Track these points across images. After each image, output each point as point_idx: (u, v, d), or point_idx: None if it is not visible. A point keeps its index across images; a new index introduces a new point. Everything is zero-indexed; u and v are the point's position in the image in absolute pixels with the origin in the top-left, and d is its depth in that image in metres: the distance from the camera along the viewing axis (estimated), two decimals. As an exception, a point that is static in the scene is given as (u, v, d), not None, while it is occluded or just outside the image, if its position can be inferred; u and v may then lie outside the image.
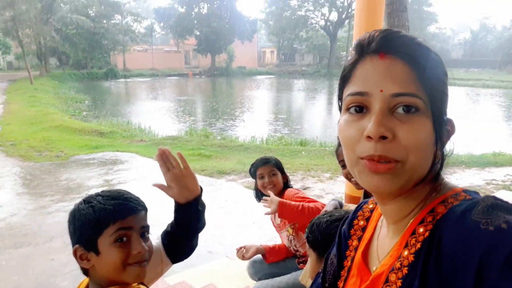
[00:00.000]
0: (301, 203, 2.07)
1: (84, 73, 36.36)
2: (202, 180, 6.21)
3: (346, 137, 0.62)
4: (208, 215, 4.73)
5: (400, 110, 0.58)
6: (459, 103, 19.81)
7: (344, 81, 0.65)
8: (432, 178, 0.62)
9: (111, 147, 8.81)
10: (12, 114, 13.80)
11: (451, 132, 0.64)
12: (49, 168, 7.02)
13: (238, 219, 4.60)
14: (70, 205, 4.32)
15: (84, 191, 5.66)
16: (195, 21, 43.82)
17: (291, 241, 2.30)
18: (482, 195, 0.59)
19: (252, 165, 2.38)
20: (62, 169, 6.96)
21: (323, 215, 1.40)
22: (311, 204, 2.05)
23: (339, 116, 0.67)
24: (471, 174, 6.55)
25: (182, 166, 1.15)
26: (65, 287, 3.20)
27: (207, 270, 3.08)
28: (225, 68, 46.14)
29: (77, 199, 4.16)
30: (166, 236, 1.21)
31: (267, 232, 3.99)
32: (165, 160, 1.16)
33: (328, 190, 5.68)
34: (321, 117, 17.54)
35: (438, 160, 0.62)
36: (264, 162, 2.34)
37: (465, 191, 0.61)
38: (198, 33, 44.27)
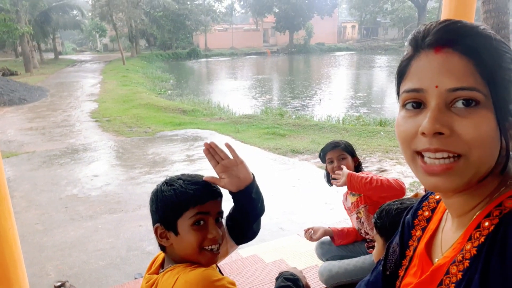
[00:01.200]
0: (370, 175, 2.05)
1: (169, 53, 38.55)
2: (275, 159, 6.33)
3: (402, 133, 0.62)
4: (280, 193, 4.86)
5: (458, 104, 0.57)
6: None
7: (400, 76, 0.65)
8: (499, 172, 0.60)
9: (192, 125, 9.34)
10: (107, 92, 15.24)
11: None
12: (138, 143, 7.68)
13: (310, 199, 4.63)
14: (156, 177, 4.74)
15: (168, 165, 6.13)
16: (274, -2, 43.52)
17: (362, 223, 2.25)
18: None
19: (322, 149, 2.34)
20: (149, 144, 7.57)
21: (394, 202, 1.38)
22: (382, 177, 2.02)
23: None
24: None
25: (231, 156, 1.15)
26: (151, 251, 3.55)
27: (278, 246, 3.19)
28: (303, 45, 45.39)
29: (162, 172, 4.57)
30: (230, 219, 1.23)
31: (338, 214, 3.97)
32: (213, 153, 1.16)
33: (407, 173, 5.41)
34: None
35: (505, 153, 0.59)
36: (333, 146, 2.28)
37: None
38: (277, 10, 43.97)
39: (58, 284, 2.96)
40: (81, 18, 37.67)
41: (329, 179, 2.35)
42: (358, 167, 2.31)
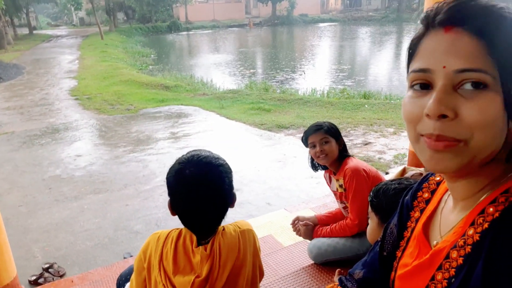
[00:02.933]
0: (329, 227, 2.23)
1: (149, 26, 37.46)
2: (261, 134, 6.32)
3: (408, 114, 0.61)
4: (266, 168, 4.88)
5: (466, 86, 0.55)
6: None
7: (410, 56, 0.63)
8: (505, 158, 0.59)
9: (176, 101, 9.19)
10: (86, 69, 14.79)
11: None
12: (121, 121, 7.54)
13: (296, 173, 4.66)
14: (141, 156, 4.68)
15: (153, 143, 6.05)
16: (256, -32, 42.35)
17: (348, 213, 2.26)
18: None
19: (304, 132, 2.20)
20: (133, 122, 7.44)
21: (392, 181, 1.38)
22: (342, 223, 2.18)
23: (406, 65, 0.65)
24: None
25: None
26: (139, 230, 3.54)
27: (266, 221, 3.21)
28: (286, 16, 44.70)
29: (147, 150, 4.51)
30: None
31: (324, 187, 4.01)
32: None
33: (391, 146, 5.48)
34: (388, 67, 16.55)
35: (506, 140, 0.57)
36: (316, 129, 2.13)
37: None
38: (258, -20, 42.90)
39: (46, 266, 2.94)
40: (55, -10, 36.07)
41: (314, 165, 2.30)
42: (343, 150, 2.19)
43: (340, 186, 2.17)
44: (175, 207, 1.17)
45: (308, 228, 2.35)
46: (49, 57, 19.06)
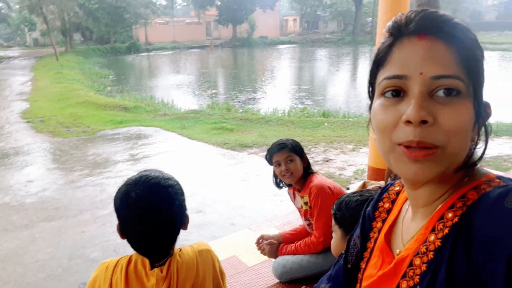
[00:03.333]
0: (294, 245, 2.23)
1: (107, 47, 36.75)
2: (224, 154, 6.28)
3: (381, 123, 0.59)
4: (230, 188, 4.83)
5: (440, 93, 0.56)
6: (490, 69, 18.87)
7: (379, 65, 0.63)
8: (469, 164, 0.60)
9: (135, 122, 8.98)
10: (40, 90, 14.20)
11: (488, 115, 0.61)
12: (77, 144, 7.24)
13: (260, 192, 4.64)
14: (98, 179, 4.49)
15: (111, 166, 5.84)
16: (216, -9, 43.11)
17: (311, 228, 2.25)
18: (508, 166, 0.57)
19: (268, 150, 2.17)
20: (89, 144, 7.17)
21: (354, 193, 1.39)
22: (307, 240, 2.18)
23: (363, 85, 0.65)
24: (501, 143, 6.31)
25: None
26: (96, 258, 3.36)
27: (230, 242, 3.15)
28: (246, 38, 45.49)
29: (104, 173, 4.32)
30: None
31: (288, 205, 4.01)
32: None
33: (351, 162, 5.62)
34: (345, 87, 17.15)
35: (476, 145, 0.59)
36: (280, 147, 2.11)
37: (500, 177, 0.59)
38: (219, 3, 43.60)
39: (-9, 302, 2.70)
40: (8, 11, 34.71)
41: (278, 183, 2.28)
42: (307, 167, 2.19)
43: (305, 203, 2.17)
44: (123, 231, 1.12)
45: (273, 247, 2.32)
46: (-1, 79, 18.16)
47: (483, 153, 0.61)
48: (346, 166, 5.44)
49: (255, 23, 45.79)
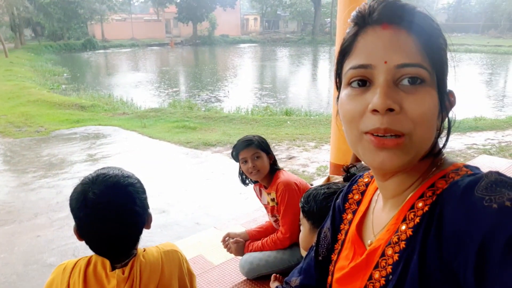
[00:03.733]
0: (261, 242, 2.22)
1: (61, 44, 35.07)
2: (187, 153, 6.19)
3: (348, 112, 0.59)
4: (194, 187, 4.75)
5: (405, 81, 0.56)
6: None
7: (344, 55, 0.62)
8: (435, 152, 0.61)
9: (93, 121, 8.65)
10: (-13, 89, 13.31)
11: (452, 103, 0.62)
12: (30, 144, 6.86)
13: (225, 191, 4.62)
14: (53, 181, 4.26)
15: (67, 167, 5.58)
16: (175, -12, 42.36)
17: (278, 225, 2.26)
18: (463, 160, 0.58)
19: (234, 147, 2.14)
20: (43, 145, 6.81)
21: (321, 186, 1.38)
22: (273, 236, 2.18)
23: (323, 84, 0.64)
24: (452, 139, 6.65)
25: None
26: (53, 263, 3.20)
27: (195, 241, 3.10)
28: (207, 36, 45.05)
29: (60, 174, 4.11)
30: None
31: (253, 203, 4.02)
32: None
33: (314, 159, 5.72)
34: (306, 86, 17.42)
35: (440, 133, 0.60)
36: (246, 144, 2.09)
37: (467, 166, 0.60)
38: (178, 0, 42.82)
39: None
40: None
41: (244, 180, 2.26)
42: (273, 164, 2.18)
43: (272, 199, 2.16)
44: (81, 232, 1.06)
45: (239, 245, 2.31)
46: None
47: (446, 140, 0.62)
48: (309, 163, 5.53)
49: (216, 21, 45.44)
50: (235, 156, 2.14)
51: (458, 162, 0.62)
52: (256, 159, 2.09)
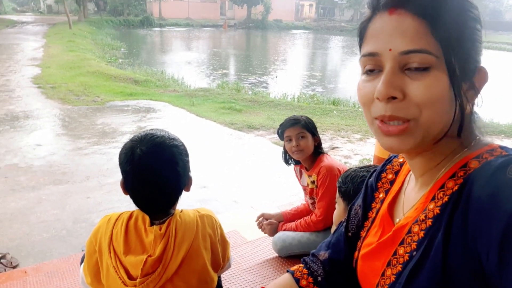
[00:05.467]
0: (294, 223, 2.25)
1: (120, 20, 36.53)
2: (231, 134, 6.30)
3: (362, 98, 0.62)
4: (235, 167, 4.86)
5: (411, 67, 0.56)
6: (508, 70, 18.59)
7: (360, 40, 0.64)
8: (457, 133, 0.60)
9: (145, 95, 9.00)
10: (51, 57, 14.21)
11: (481, 81, 0.59)
12: (86, 112, 7.29)
13: (264, 173, 4.67)
14: (105, 148, 4.52)
15: (118, 136, 5.89)
16: (233, -30, 42.40)
17: (314, 207, 2.27)
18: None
19: (280, 125, 2.15)
20: (98, 114, 7.21)
21: (361, 168, 1.40)
22: (307, 218, 2.21)
23: None
24: (510, 144, 6.27)
25: None
26: (99, 223, 3.42)
27: (231, 218, 3.20)
28: (260, 20, 44.94)
29: (112, 143, 4.36)
30: None
31: (291, 187, 4.06)
32: None
33: (357, 151, 5.62)
34: (357, 77, 16.92)
35: (457, 115, 0.58)
36: (292, 123, 2.08)
37: (502, 147, 0.59)
38: (235, -18, 42.96)
39: (-2, 256, 2.78)
40: (22, -25, 34.48)
41: (287, 159, 2.27)
42: (317, 147, 2.17)
43: (312, 182, 2.17)
44: (126, 186, 1.15)
45: (273, 226, 2.36)
46: (12, 43, 18.16)
47: (462, 122, 0.59)
48: (352, 155, 5.45)
49: (271, 6, 45.14)
50: (281, 133, 2.15)
51: (493, 143, 0.61)
52: (301, 138, 2.08)
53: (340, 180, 1.36)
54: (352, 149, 5.74)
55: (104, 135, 5.92)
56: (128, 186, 1.14)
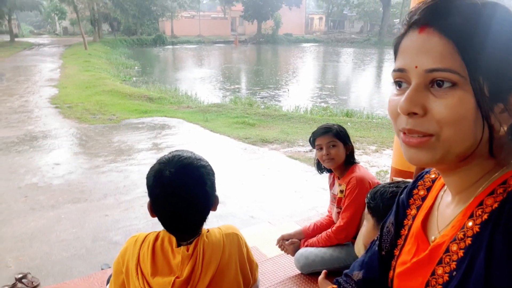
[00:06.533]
0: (316, 238, 2.23)
1: (134, 39, 37.38)
2: (245, 148, 6.31)
3: (390, 111, 0.65)
4: (250, 182, 4.86)
5: (435, 85, 0.57)
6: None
7: (394, 54, 0.66)
8: (488, 152, 0.59)
9: (159, 112, 9.11)
10: (68, 78, 14.56)
11: None
12: (103, 130, 7.41)
13: (280, 187, 4.65)
14: (122, 166, 4.56)
15: (134, 153, 5.95)
16: (243, -13, 43.15)
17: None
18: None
19: (313, 133, 2.13)
20: (114, 132, 7.32)
21: (390, 184, 1.37)
22: (328, 231, 2.19)
23: (387, 87, 0.68)
24: None
25: None
26: (118, 241, 3.44)
27: (250, 234, 3.17)
28: (271, 35, 45.42)
29: (128, 160, 4.40)
30: None
31: (308, 201, 4.02)
32: None
33: (373, 163, 5.56)
34: (369, 88, 16.91)
35: (483, 134, 0.56)
36: (324, 131, 2.07)
37: None
38: (245, -1, 43.64)
39: (19, 276, 2.81)
40: (39, -1, 35.72)
41: (320, 167, 2.23)
42: (350, 156, 2.13)
43: (341, 191, 2.15)
44: (154, 209, 1.14)
45: (295, 245, 2.34)
46: (30, 65, 18.70)
47: (490, 145, 0.58)
48: (368, 167, 5.38)
49: (281, 20, 45.64)
50: (312, 141, 2.15)
51: None
52: (332, 147, 2.07)
53: (368, 196, 1.34)
54: (368, 160, 5.68)
55: (121, 153, 6.00)
56: (158, 208, 1.13)
